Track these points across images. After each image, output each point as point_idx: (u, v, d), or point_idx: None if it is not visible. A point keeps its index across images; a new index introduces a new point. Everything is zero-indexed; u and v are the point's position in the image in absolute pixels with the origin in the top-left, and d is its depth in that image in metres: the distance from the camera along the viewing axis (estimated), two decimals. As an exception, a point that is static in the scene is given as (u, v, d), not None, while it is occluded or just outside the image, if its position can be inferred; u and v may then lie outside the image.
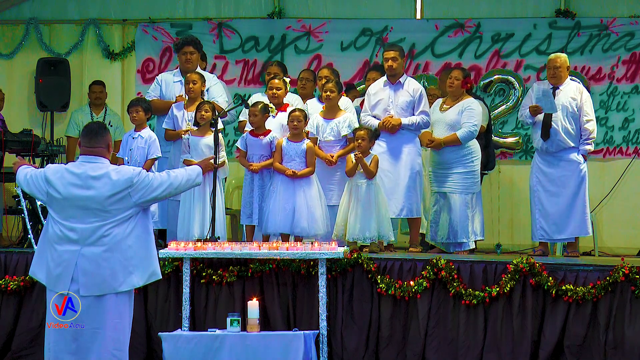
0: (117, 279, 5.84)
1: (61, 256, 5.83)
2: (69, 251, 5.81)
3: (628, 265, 7.82)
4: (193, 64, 9.41)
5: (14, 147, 9.67)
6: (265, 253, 7.93)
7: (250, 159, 8.75)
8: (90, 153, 5.96)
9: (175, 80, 9.49)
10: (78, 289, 5.79)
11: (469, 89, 9.24)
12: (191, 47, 9.43)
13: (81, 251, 5.80)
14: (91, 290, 5.80)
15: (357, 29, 11.23)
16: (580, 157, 8.99)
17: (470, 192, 9.14)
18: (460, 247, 9.09)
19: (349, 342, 8.08)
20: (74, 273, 5.79)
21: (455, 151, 9.13)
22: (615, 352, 7.76)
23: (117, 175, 5.88)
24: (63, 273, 5.81)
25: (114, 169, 5.92)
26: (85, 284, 5.79)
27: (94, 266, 5.80)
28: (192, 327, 8.07)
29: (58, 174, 5.91)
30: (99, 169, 5.90)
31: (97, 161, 5.94)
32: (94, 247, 5.81)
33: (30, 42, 11.42)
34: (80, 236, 5.81)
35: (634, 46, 10.87)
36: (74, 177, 5.87)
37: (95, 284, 5.80)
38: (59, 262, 5.82)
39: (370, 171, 8.59)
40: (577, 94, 9.04)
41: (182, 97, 9.25)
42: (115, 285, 5.84)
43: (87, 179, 5.85)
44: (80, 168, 5.90)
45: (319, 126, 9.01)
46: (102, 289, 5.81)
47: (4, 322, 8.45)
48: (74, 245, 5.81)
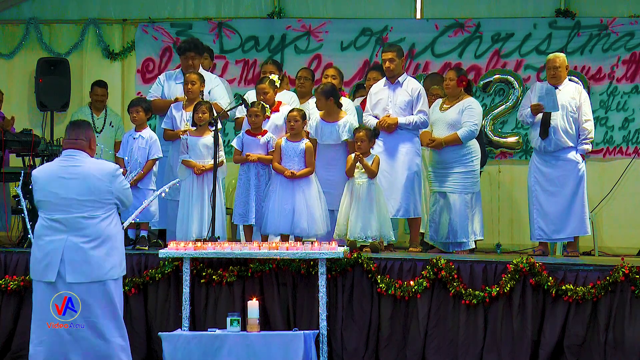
0: (102, 268, 6.11)
1: (47, 246, 6.07)
2: (55, 240, 6.07)
3: (628, 265, 7.82)
4: (195, 69, 9.43)
5: (14, 147, 9.68)
6: (265, 253, 7.93)
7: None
8: (72, 146, 6.26)
9: (178, 82, 9.50)
10: (65, 277, 6.03)
11: (465, 86, 9.24)
12: (193, 52, 9.45)
13: (67, 240, 6.06)
14: (77, 278, 6.04)
15: (357, 29, 11.23)
16: (578, 156, 9.00)
17: (470, 191, 9.15)
18: (460, 247, 9.10)
19: (349, 342, 8.08)
20: (60, 261, 6.04)
21: (454, 151, 9.14)
22: (615, 352, 7.76)
23: (99, 167, 6.22)
24: (50, 262, 6.06)
25: (95, 162, 6.28)
26: (71, 272, 6.03)
27: (81, 254, 6.06)
28: (192, 327, 8.08)
29: (40, 171, 6.28)
30: (81, 162, 6.18)
31: (79, 155, 6.23)
32: (79, 237, 6.07)
33: (30, 42, 11.42)
34: (65, 227, 6.07)
35: (634, 46, 10.86)
36: (58, 170, 6.18)
37: (82, 272, 6.05)
38: (46, 252, 6.07)
39: (371, 170, 8.59)
40: (576, 94, 9.07)
41: (182, 97, 9.26)
42: (101, 273, 6.11)
43: (70, 171, 6.14)
44: (63, 162, 6.21)
45: (317, 128, 9.00)
46: (89, 277, 6.06)
47: (4, 322, 8.44)
48: (60, 234, 6.08)
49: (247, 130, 8.81)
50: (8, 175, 9.62)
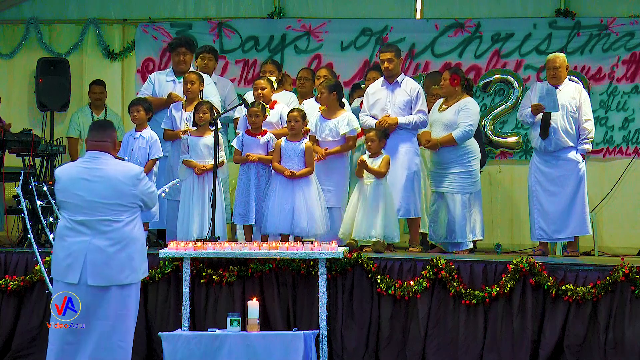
0: (123, 272, 6.02)
1: (70, 247, 5.98)
2: (78, 242, 5.97)
3: (628, 265, 7.82)
4: (187, 65, 9.47)
5: (14, 147, 9.68)
6: (265, 253, 7.93)
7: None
8: (97, 148, 6.14)
9: (169, 79, 9.53)
10: (86, 279, 5.95)
11: (457, 85, 9.22)
12: (184, 48, 9.48)
13: (91, 242, 5.97)
14: (98, 281, 5.95)
15: (357, 29, 11.22)
16: (579, 156, 9.01)
17: (469, 191, 9.14)
18: (459, 247, 9.09)
19: (349, 342, 8.08)
20: (83, 263, 5.94)
21: (453, 151, 9.14)
22: (615, 352, 7.76)
23: (124, 170, 6.12)
24: (73, 263, 5.96)
25: (120, 164, 6.19)
26: (92, 275, 5.94)
27: (104, 257, 5.97)
28: (192, 327, 8.08)
29: (63, 171, 6.15)
30: (105, 164, 6.07)
31: (103, 156, 6.13)
32: (102, 240, 5.97)
33: (30, 42, 11.41)
34: (89, 229, 5.97)
35: (634, 46, 10.86)
36: (82, 172, 6.06)
37: (103, 275, 5.96)
38: (69, 252, 5.98)
39: (377, 172, 8.61)
40: (577, 94, 9.08)
41: (176, 94, 9.25)
42: (122, 277, 6.02)
43: (94, 174, 6.03)
44: (88, 164, 6.09)
45: (317, 125, 9.01)
46: (110, 280, 5.98)
47: (4, 322, 8.45)
48: (84, 236, 5.98)
49: (247, 131, 8.82)
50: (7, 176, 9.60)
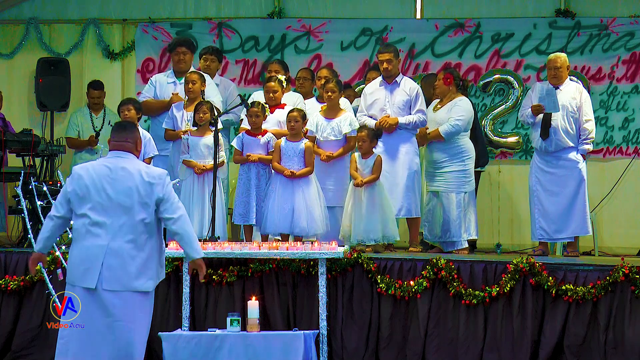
0: (139, 278, 5.87)
1: (88, 250, 5.83)
2: (96, 246, 5.82)
3: (628, 265, 7.83)
4: (187, 64, 9.46)
5: (14, 147, 9.67)
6: (265, 253, 7.93)
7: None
8: (120, 148, 6.05)
9: (169, 81, 9.53)
10: (101, 283, 5.79)
11: (450, 84, 9.23)
12: (184, 47, 9.49)
13: (109, 246, 5.82)
14: (114, 286, 5.80)
15: (357, 29, 11.22)
16: (579, 156, 9.01)
17: (463, 191, 9.14)
18: (454, 246, 9.09)
19: (349, 342, 8.08)
20: (101, 267, 5.79)
21: (446, 150, 9.15)
22: (615, 352, 7.77)
23: (147, 171, 5.97)
24: (90, 267, 5.80)
25: (143, 165, 6.03)
26: (109, 279, 5.79)
27: (120, 261, 5.82)
28: (192, 327, 8.08)
29: (85, 169, 5.98)
30: (128, 164, 5.96)
31: (126, 156, 6.03)
32: (121, 243, 5.83)
33: (30, 42, 11.40)
34: (108, 231, 5.84)
35: (634, 46, 10.86)
36: (105, 170, 5.93)
37: (119, 280, 5.80)
38: (86, 255, 5.83)
39: (371, 180, 8.60)
40: (577, 94, 9.08)
41: (178, 95, 9.25)
42: (138, 284, 5.86)
43: (117, 174, 5.91)
44: (110, 163, 5.97)
45: (318, 125, 9.01)
46: (126, 286, 5.82)
47: (4, 322, 8.45)
48: (102, 239, 5.83)
49: (247, 131, 8.82)
50: (7, 176, 9.60)
